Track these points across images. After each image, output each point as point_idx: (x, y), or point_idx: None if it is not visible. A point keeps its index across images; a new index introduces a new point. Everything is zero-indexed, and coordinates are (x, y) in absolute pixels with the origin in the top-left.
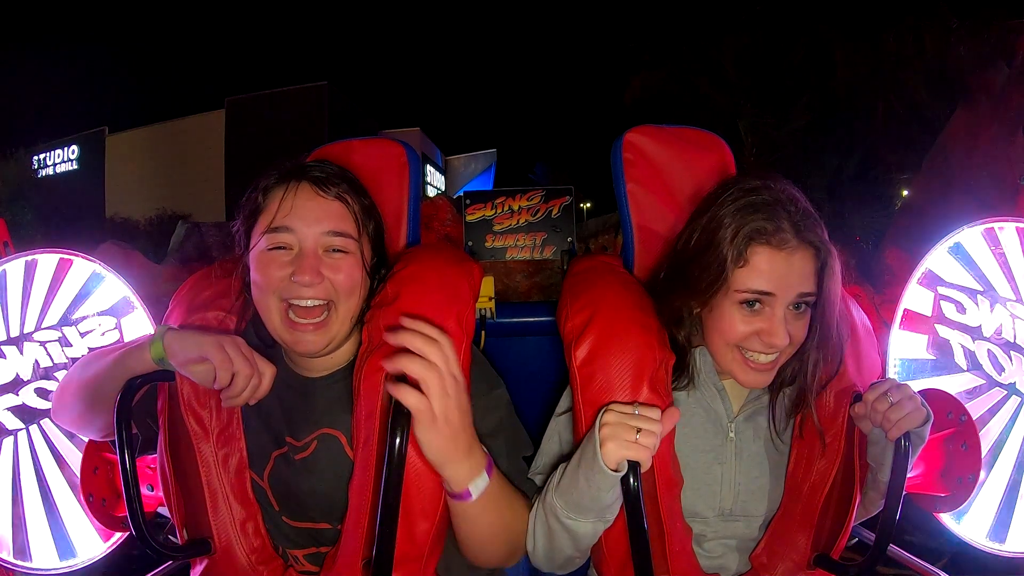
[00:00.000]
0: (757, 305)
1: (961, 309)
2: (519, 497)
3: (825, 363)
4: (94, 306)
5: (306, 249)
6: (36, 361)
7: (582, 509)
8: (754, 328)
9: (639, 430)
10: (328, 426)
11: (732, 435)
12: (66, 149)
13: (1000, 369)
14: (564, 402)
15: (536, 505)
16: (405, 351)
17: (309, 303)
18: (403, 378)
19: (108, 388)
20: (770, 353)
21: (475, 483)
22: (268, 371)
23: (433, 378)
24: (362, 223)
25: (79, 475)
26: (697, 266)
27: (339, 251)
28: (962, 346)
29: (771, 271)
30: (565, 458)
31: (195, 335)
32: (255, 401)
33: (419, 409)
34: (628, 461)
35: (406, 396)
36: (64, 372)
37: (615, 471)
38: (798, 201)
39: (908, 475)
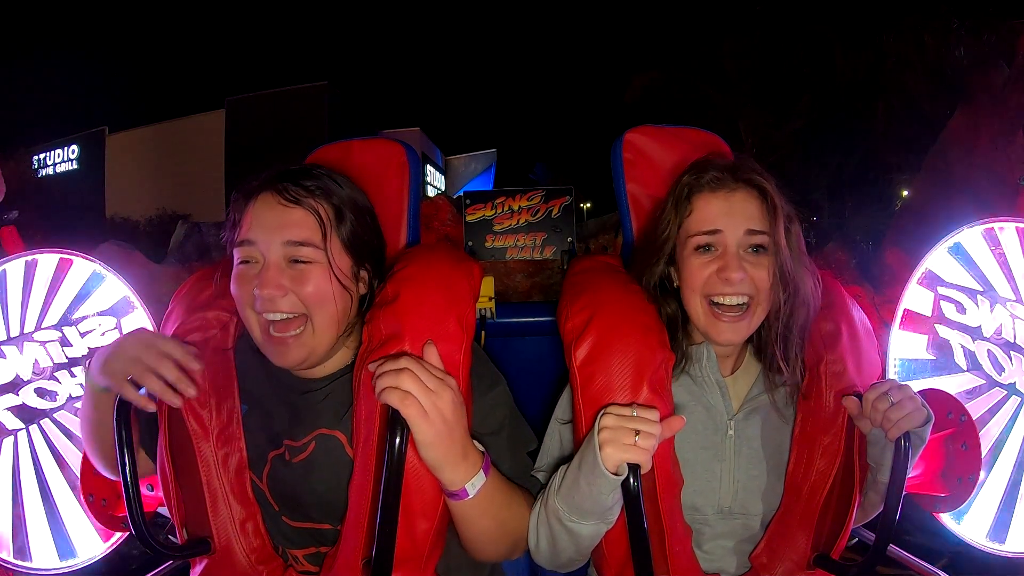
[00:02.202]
0: (711, 248)
1: (961, 309)
2: (519, 494)
3: (794, 306)
4: (94, 306)
5: (269, 262)
6: (36, 361)
7: (584, 512)
8: (712, 269)
9: (638, 432)
10: (326, 427)
11: (731, 432)
12: (66, 149)
13: (1000, 369)
14: (563, 407)
15: (538, 507)
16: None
17: (279, 316)
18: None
19: (100, 432)
20: (734, 295)
21: (472, 482)
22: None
23: (406, 380)
24: (333, 227)
25: (79, 475)
26: (655, 228)
27: (303, 261)
28: (962, 346)
29: (714, 211)
30: (566, 459)
31: (111, 360)
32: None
33: (405, 404)
34: (628, 463)
35: (390, 397)
36: (64, 372)
37: (615, 474)
38: (742, 159)
39: (908, 475)
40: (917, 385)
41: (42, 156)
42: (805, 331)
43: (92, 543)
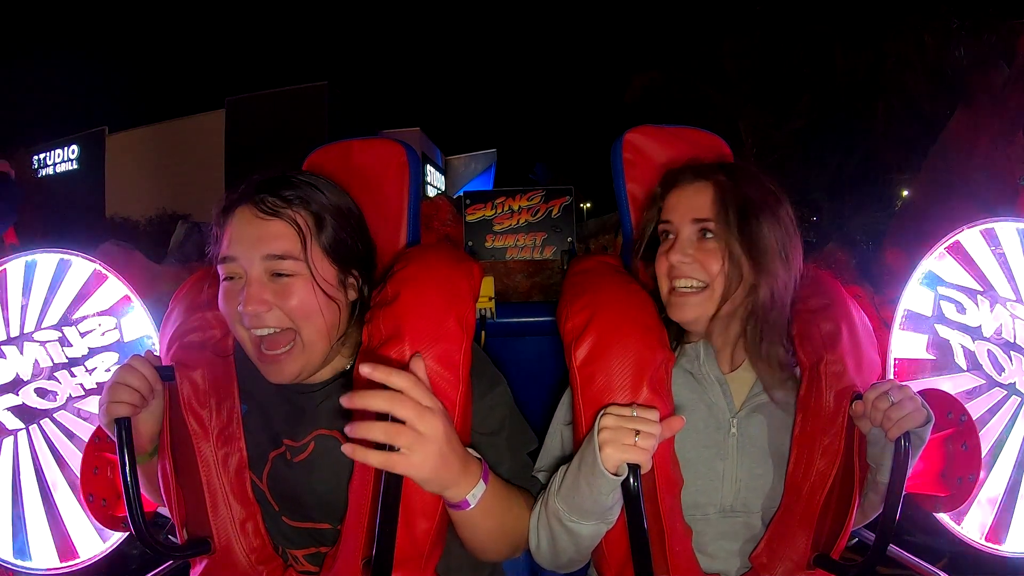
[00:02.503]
0: (669, 236)
1: (961, 309)
2: (519, 496)
3: (754, 300)
4: (94, 306)
5: (251, 277)
6: (36, 361)
7: (584, 512)
8: (666, 254)
9: (638, 432)
10: (326, 427)
11: (734, 430)
12: (66, 149)
13: (1000, 369)
14: (565, 408)
15: (539, 507)
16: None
17: (267, 331)
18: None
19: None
20: (682, 278)
21: (472, 492)
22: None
23: (403, 437)
24: (313, 235)
25: (79, 475)
26: (639, 227)
27: (285, 275)
28: (962, 346)
29: (671, 203)
30: (567, 460)
31: (101, 405)
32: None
33: (392, 464)
34: (628, 464)
35: (369, 457)
36: (64, 372)
37: (615, 475)
38: (736, 159)
39: (907, 475)
40: (917, 385)
41: (42, 156)
42: (773, 327)
43: (92, 543)
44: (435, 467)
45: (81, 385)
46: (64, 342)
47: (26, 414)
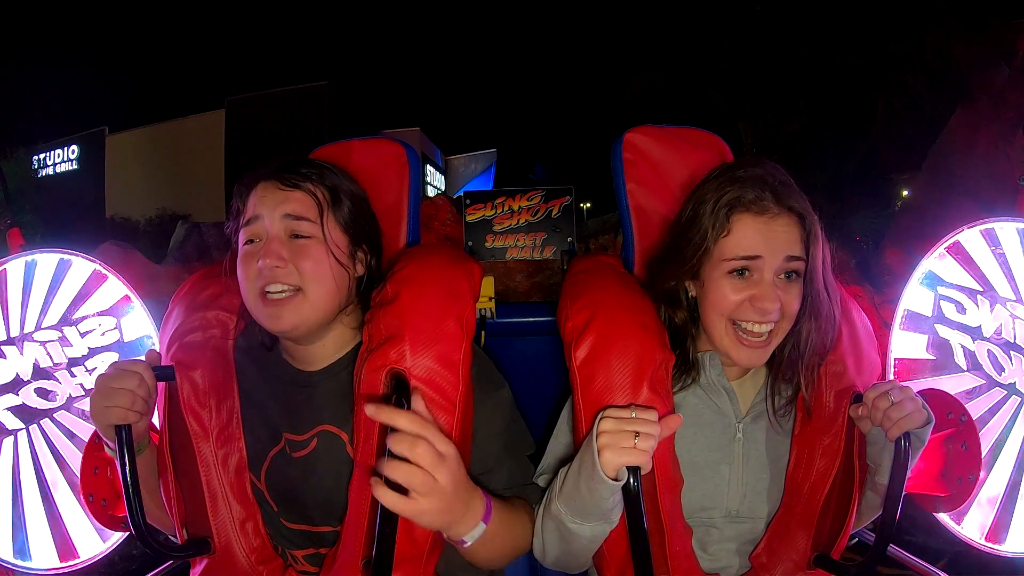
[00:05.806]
0: (747, 273)
1: (961, 309)
2: (521, 514)
3: (819, 333)
4: (94, 306)
5: (271, 234)
6: (36, 361)
7: (586, 514)
8: (745, 295)
9: (637, 434)
10: (329, 423)
11: (739, 435)
12: (66, 149)
13: (1000, 369)
14: (569, 411)
15: (541, 510)
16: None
17: (278, 288)
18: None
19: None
20: (763, 323)
21: (471, 534)
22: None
23: (418, 481)
24: (329, 207)
25: (79, 475)
26: (684, 239)
27: (303, 236)
28: (962, 346)
29: (756, 236)
30: (568, 460)
31: (93, 410)
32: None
33: (403, 509)
34: (627, 467)
35: (385, 498)
36: (64, 372)
37: (615, 479)
38: (779, 174)
39: (907, 476)
40: (917, 385)
41: (42, 156)
42: (818, 351)
43: (92, 543)
44: (440, 512)
45: (81, 385)
46: (64, 342)
47: (26, 414)
